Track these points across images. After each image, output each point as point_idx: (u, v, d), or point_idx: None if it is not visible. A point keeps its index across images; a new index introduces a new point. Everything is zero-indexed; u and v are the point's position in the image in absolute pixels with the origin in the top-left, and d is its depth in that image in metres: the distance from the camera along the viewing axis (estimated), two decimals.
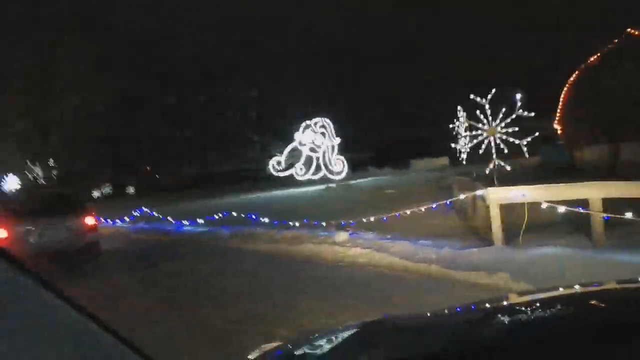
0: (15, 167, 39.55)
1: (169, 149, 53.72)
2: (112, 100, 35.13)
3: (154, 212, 19.64)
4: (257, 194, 34.97)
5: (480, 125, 13.88)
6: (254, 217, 14.23)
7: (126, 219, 21.26)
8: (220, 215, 15.55)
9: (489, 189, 8.50)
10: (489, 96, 13.32)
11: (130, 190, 69.90)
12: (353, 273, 7.91)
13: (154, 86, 44.18)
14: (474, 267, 6.94)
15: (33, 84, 32.76)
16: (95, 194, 69.00)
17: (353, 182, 36.18)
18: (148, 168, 65.16)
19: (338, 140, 40.41)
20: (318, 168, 40.25)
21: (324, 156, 39.99)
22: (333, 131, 40.50)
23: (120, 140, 44.32)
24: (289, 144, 40.14)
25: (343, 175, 39.77)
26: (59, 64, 33.13)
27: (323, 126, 40.20)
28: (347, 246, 9.52)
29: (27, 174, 39.08)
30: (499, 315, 1.63)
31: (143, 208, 20.61)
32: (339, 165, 40.61)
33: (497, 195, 8.21)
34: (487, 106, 13.50)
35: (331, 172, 40.19)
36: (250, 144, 48.46)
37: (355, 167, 42.59)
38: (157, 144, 54.16)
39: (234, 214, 15.19)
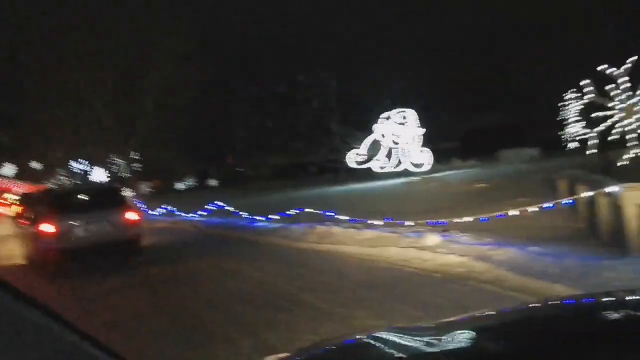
0: (100, 160, 40.62)
1: (252, 139, 53.53)
2: (195, 90, 34.87)
3: (230, 207, 18.85)
4: (336, 187, 33.98)
5: (611, 104, 11.68)
6: (331, 213, 12.97)
7: (202, 212, 20.73)
8: (296, 211, 14.35)
9: (627, 184, 6.75)
10: (628, 66, 10.96)
11: (213, 182, 71.12)
12: (453, 290, 6.36)
13: (237, 75, 44.10)
14: (615, 288, 5.27)
15: (119, 74, 33.11)
16: (179, 186, 70.88)
17: (437, 174, 34.32)
18: (230, 159, 65.81)
19: (421, 130, 38.52)
20: (399, 160, 38.58)
21: (405, 148, 38.24)
22: (416, 121, 38.57)
23: (204, 132, 44.58)
24: (369, 135, 38.73)
25: (426, 167, 37.88)
26: (144, 53, 33.19)
27: (404, 116, 38.44)
28: (439, 252, 8.02)
29: (111, 167, 40.01)
30: (505, 327, 1.50)
31: (219, 202, 19.85)
32: (422, 157, 38.69)
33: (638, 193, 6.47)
34: (622, 79, 11.16)
35: (413, 165, 38.39)
36: (330, 135, 47.31)
37: (438, 158, 40.58)
38: (240, 135, 54.17)
39: (311, 210, 14.01)
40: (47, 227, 10.41)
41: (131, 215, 11.43)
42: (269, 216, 15.54)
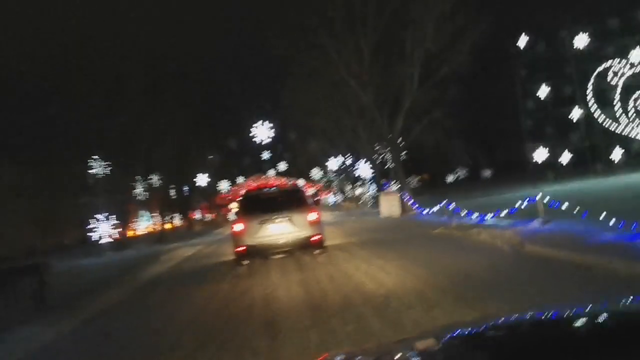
0: (363, 151, 35.75)
1: (544, 114, 43.09)
2: (466, 56, 26.84)
3: (563, 205, 10.60)
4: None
5: None
6: None
7: (499, 214, 13.22)
8: None
9: None
10: None
11: (487, 173, 62.40)
12: None
13: (519, 32, 34.94)
14: None
15: (375, 43, 27.26)
16: (450, 178, 63.61)
17: None
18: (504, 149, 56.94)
19: None
20: None
21: None
22: None
23: (478, 108, 36.70)
24: None
25: None
26: (402, 13, 26.42)
27: None
28: None
29: (375, 158, 34.60)
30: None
31: (537, 198, 11.74)
32: None
33: None
34: None
35: None
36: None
37: None
38: (529, 109, 44.10)
39: None
40: (237, 227, 12.33)
41: (312, 216, 12.22)
42: None
